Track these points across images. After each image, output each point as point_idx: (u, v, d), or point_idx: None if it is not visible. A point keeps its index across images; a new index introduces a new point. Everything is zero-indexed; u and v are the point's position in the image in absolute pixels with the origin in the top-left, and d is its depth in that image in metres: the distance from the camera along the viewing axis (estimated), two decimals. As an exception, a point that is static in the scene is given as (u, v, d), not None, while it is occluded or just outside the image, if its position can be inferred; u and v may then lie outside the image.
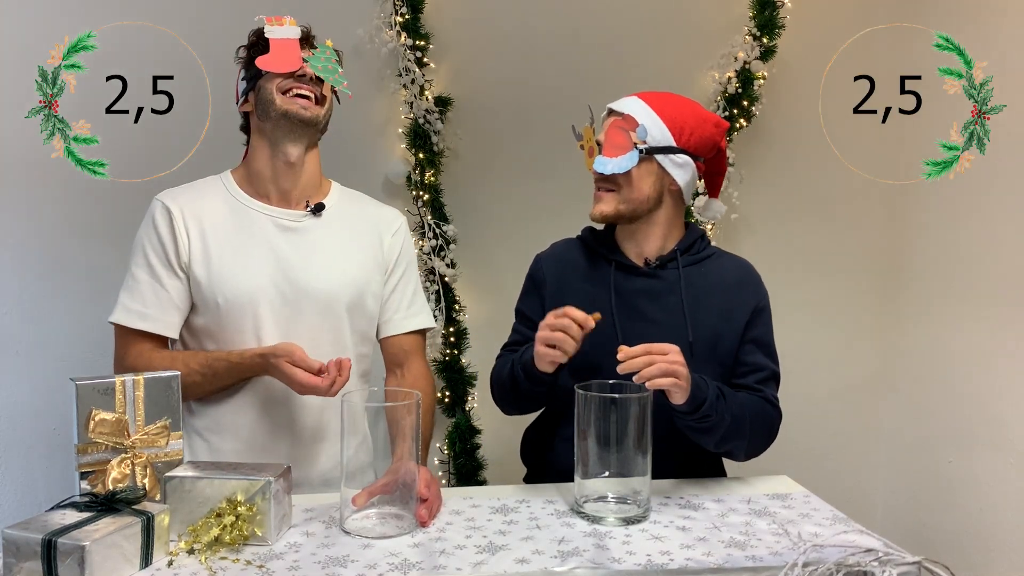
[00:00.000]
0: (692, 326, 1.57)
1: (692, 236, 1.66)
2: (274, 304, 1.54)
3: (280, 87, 1.55)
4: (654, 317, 1.58)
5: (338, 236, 1.62)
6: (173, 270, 1.54)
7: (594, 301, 1.60)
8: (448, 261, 2.45)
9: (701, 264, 1.63)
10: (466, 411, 2.46)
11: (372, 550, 1.20)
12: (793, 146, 2.58)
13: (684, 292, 1.59)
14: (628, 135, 1.54)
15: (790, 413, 2.61)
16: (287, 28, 1.56)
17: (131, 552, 1.11)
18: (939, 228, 2.44)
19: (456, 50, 2.44)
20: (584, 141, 1.62)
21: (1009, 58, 2.16)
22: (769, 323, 1.64)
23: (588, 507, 1.34)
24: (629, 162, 1.53)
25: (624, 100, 1.59)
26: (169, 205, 1.55)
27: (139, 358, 1.51)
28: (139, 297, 1.53)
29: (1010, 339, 2.14)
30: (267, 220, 1.58)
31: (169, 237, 1.54)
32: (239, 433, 1.56)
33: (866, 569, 1.13)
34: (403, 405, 1.30)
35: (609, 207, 1.57)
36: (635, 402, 1.32)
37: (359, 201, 1.72)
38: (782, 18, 2.44)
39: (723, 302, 1.60)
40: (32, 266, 2.28)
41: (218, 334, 1.54)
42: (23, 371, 2.29)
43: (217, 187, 1.62)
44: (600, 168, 1.55)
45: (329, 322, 1.58)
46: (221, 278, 1.52)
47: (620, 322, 1.58)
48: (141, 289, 1.53)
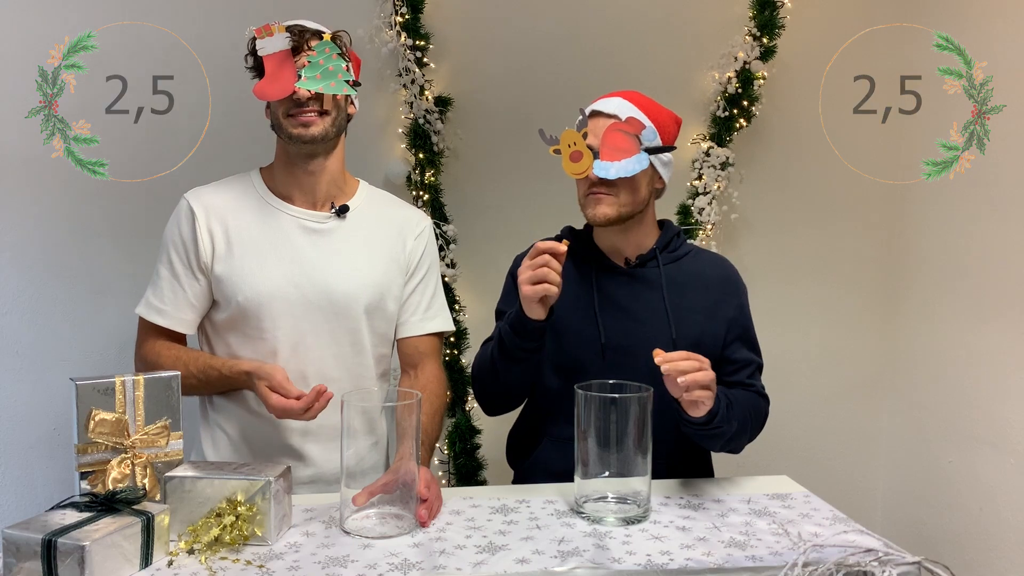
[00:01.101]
0: (675, 324, 1.57)
1: (669, 234, 1.66)
2: (293, 305, 1.56)
3: (284, 111, 1.54)
4: (637, 315, 1.59)
5: (361, 238, 1.63)
6: (192, 271, 1.57)
7: (576, 301, 1.60)
8: (448, 261, 2.45)
9: (680, 262, 1.64)
10: (466, 411, 2.46)
11: (372, 550, 1.20)
12: (793, 146, 2.58)
13: (666, 290, 1.59)
14: (631, 138, 1.52)
15: (790, 413, 2.63)
16: (277, 39, 1.49)
17: (131, 552, 1.11)
18: (939, 228, 2.44)
19: (456, 50, 2.44)
20: (564, 145, 1.56)
21: (1009, 58, 2.16)
22: (749, 316, 1.66)
23: (588, 507, 1.34)
24: (639, 165, 1.51)
25: (609, 101, 1.57)
26: (194, 206, 1.58)
27: (151, 350, 1.59)
28: (159, 293, 1.59)
29: (1010, 339, 2.14)
30: (292, 221, 1.60)
31: (191, 239, 1.57)
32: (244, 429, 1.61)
33: (866, 569, 1.13)
34: (404, 405, 1.30)
35: (612, 209, 1.55)
36: (635, 402, 1.32)
37: (385, 202, 1.73)
38: (782, 18, 2.44)
39: (705, 300, 1.60)
40: (32, 266, 2.28)
41: (238, 330, 1.58)
42: (23, 371, 2.29)
43: (246, 186, 1.64)
44: (602, 173, 1.50)
45: (348, 324, 1.60)
46: (241, 278, 1.55)
47: (603, 322, 1.58)
48: (162, 286, 1.59)
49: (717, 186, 2.48)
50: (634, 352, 1.55)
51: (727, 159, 2.48)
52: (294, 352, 1.57)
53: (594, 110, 1.58)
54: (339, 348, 1.60)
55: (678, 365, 1.33)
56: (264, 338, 1.56)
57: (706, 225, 2.48)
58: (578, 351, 1.58)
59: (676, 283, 1.61)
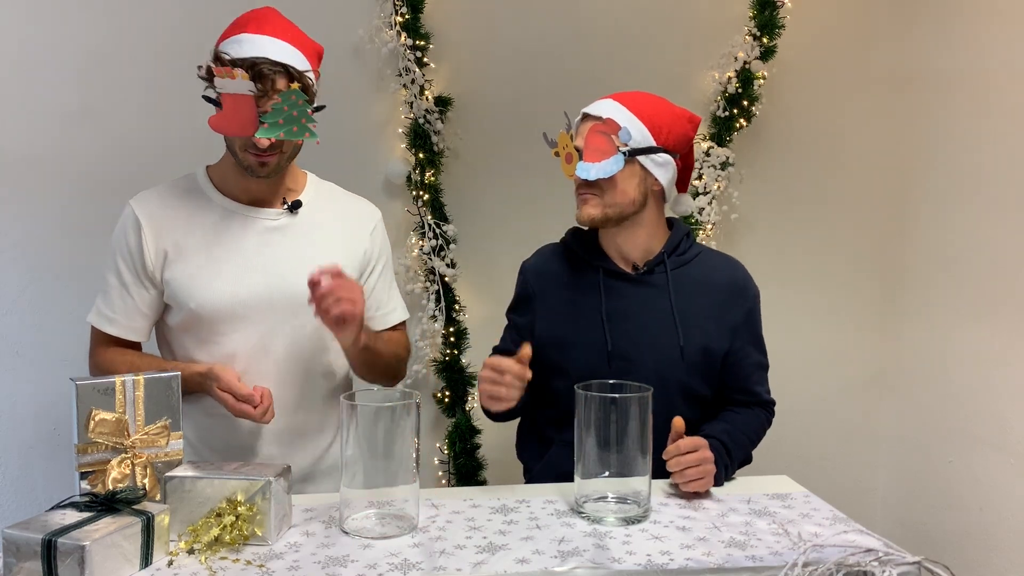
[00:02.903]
0: (683, 331, 1.57)
1: (678, 236, 1.65)
2: (249, 308, 1.53)
3: (240, 144, 1.47)
4: (644, 323, 1.59)
5: (315, 234, 1.60)
6: (140, 280, 1.54)
7: (583, 309, 1.61)
8: (448, 261, 2.45)
9: (689, 265, 1.63)
10: (466, 411, 2.46)
11: (372, 550, 1.20)
12: (793, 146, 2.58)
13: (673, 296, 1.59)
14: (609, 139, 1.53)
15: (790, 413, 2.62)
16: (239, 83, 1.39)
17: (131, 552, 1.11)
18: (939, 228, 2.44)
19: (456, 50, 2.44)
20: (560, 147, 1.59)
21: (1008, 58, 2.15)
22: (758, 319, 1.68)
23: (588, 507, 1.34)
24: (614, 166, 1.52)
25: (599, 103, 1.58)
26: (139, 214, 1.54)
27: (103, 357, 1.57)
28: (109, 302, 1.57)
29: (1010, 339, 2.14)
30: (243, 221, 1.56)
31: (136, 248, 1.53)
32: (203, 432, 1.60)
33: (866, 569, 1.13)
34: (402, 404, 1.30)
35: (596, 210, 1.56)
36: (635, 402, 1.32)
37: (336, 195, 1.70)
38: (782, 18, 2.44)
39: (713, 303, 1.60)
40: (32, 266, 2.28)
41: (193, 334, 1.55)
42: (23, 371, 2.29)
43: (194, 187, 1.58)
44: (583, 174, 1.52)
45: (308, 320, 1.52)
46: (192, 284, 1.52)
47: (610, 330, 1.59)
48: (111, 295, 1.56)
49: (717, 186, 2.48)
50: (641, 360, 1.56)
51: (727, 159, 2.48)
52: (254, 354, 1.54)
53: (584, 112, 1.59)
54: (301, 346, 1.57)
55: (682, 461, 1.42)
56: (219, 342, 1.53)
57: (706, 225, 2.48)
58: (585, 360, 1.59)
59: (684, 289, 1.60)
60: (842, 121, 2.59)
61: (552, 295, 1.66)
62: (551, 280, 1.68)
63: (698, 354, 1.57)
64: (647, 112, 1.57)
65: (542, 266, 1.71)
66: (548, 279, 1.68)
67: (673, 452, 1.42)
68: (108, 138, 2.28)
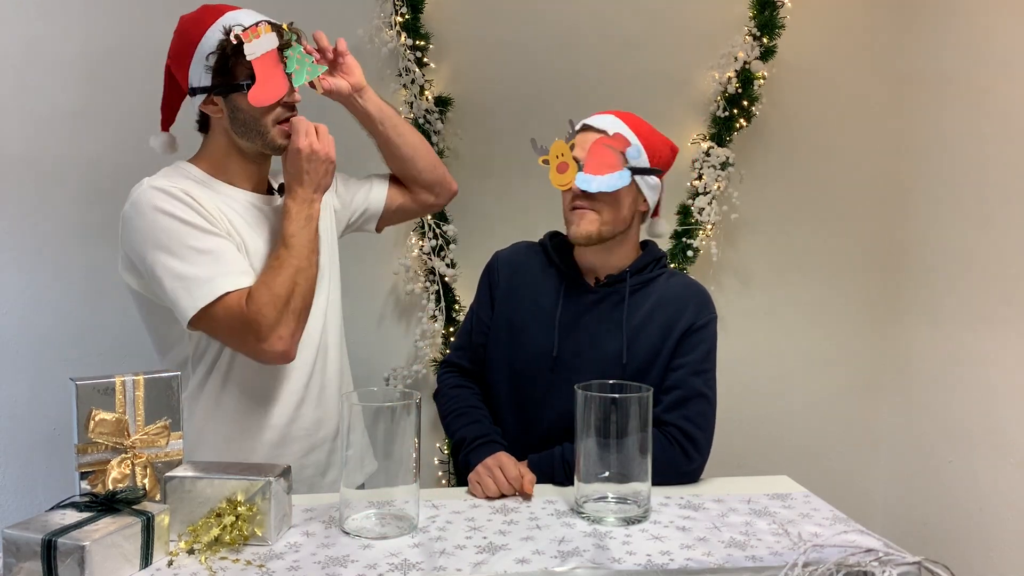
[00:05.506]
0: (628, 347, 1.56)
1: (648, 257, 1.64)
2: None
3: (277, 118, 1.49)
4: (593, 335, 1.59)
5: None
6: (228, 233, 1.47)
7: (541, 312, 1.62)
8: (448, 261, 2.45)
9: (649, 284, 1.62)
10: (466, 411, 2.46)
11: (372, 550, 1.20)
12: (793, 146, 2.58)
13: (627, 312, 1.58)
14: (616, 154, 1.52)
15: (790, 413, 2.63)
16: (264, 40, 1.44)
17: (131, 552, 1.11)
18: (939, 228, 2.44)
19: (456, 50, 2.44)
20: (553, 155, 1.56)
21: (1008, 58, 2.15)
22: (708, 342, 1.57)
23: (588, 507, 1.34)
24: (620, 181, 1.51)
25: (604, 117, 1.58)
26: (178, 187, 1.44)
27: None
28: (224, 263, 1.42)
29: (1010, 339, 2.14)
30: (258, 210, 1.57)
31: (203, 209, 1.44)
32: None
33: (866, 569, 1.13)
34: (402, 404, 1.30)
35: (593, 227, 1.55)
36: (635, 402, 1.31)
37: None
38: (782, 18, 2.44)
39: (663, 321, 1.57)
40: (32, 266, 2.28)
41: None
42: (23, 371, 2.29)
43: (191, 175, 1.52)
44: (584, 186, 1.51)
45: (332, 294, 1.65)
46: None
47: (560, 336, 1.59)
48: (223, 255, 1.42)
49: (717, 186, 2.48)
50: (582, 370, 1.54)
51: (727, 159, 2.48)
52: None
53: (585, 124, 1.59)
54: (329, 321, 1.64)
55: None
56: None
57: (706, 225, 2.48)
58: (531, 360, 1.60)
59: (638, 305, 1.59)
60: (842, 121, 2.59)
61: (515, 289, 1.67)
62: (519, 274, 1.69)
63: (639, 367, 1.55)
64: (644, 133, 1.58)
65: (514, 259, 1.72)
66: (516, 273, 1.69)
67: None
68: (108, 138, 2.28)
